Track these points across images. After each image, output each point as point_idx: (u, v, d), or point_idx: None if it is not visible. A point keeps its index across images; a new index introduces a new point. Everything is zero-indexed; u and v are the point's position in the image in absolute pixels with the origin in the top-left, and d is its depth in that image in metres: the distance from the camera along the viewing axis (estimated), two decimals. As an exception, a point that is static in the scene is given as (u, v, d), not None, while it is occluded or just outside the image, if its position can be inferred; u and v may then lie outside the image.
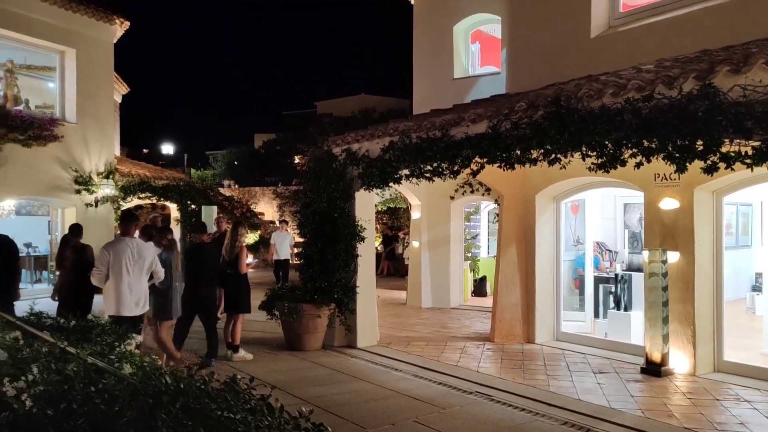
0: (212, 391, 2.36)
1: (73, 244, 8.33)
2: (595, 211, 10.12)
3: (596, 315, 9.70)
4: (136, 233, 6.81)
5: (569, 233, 9.69)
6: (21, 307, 6.22)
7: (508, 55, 10.90)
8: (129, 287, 6.45)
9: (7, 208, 14.98)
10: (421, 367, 7.79)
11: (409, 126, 8.05)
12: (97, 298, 7.47)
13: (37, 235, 15.79)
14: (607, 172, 5.87)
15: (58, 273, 9.21)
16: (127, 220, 6.82)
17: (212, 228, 11.08)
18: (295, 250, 15.23)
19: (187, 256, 8.16)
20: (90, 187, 14.77)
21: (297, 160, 30.07)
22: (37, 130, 13.38)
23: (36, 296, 8.82)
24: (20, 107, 14.14)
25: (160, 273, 6.86)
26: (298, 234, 12.09)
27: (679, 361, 7.39)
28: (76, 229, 8.64)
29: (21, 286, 8.50)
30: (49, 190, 14.19)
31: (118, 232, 7.18)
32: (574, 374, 7.44)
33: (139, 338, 5.09)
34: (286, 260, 14.67)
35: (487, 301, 12.47)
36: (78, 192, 14.66)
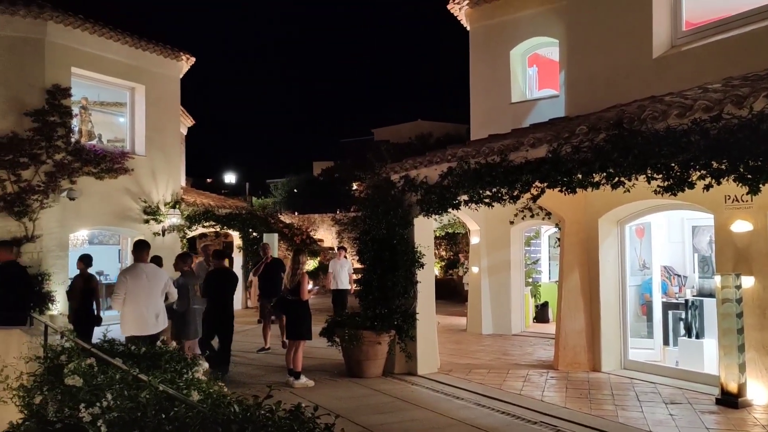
0: (278, 420, 2.39)
1: (81, 273, 9.14)
2: (662, 235, 9.78)
3: (665, 342, 9.32)
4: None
5: (634, 258, 9.41)
6: (97, 334, 6.48)
7: (567, 77, 10.78)
8: (146, 307, 7.15)
9: (81, 237, 15.71)
10: (483, 396, 7.66)
11: (467, 152, 8.04)
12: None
13: (108, 264, 16.43)
14: (674, 195, 5.70)
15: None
16: (140, 247, 7.54)
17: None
18: (354, 277, 14.29)
19: (207, 280, 8.90)
20: (158, 216, 15.31)
21: (355, 187, 30.43)
22: (109, 163, 14.03)
23: (106, 323, 9.19)
24: (94, 142, 14.89)
25: (174, 294, 7.67)
26: (357, 260, 12.19)
27: (757, 392, 7.01)
28: (87, 260, 9.34)
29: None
30: (119, 220, 14.79)
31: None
32: (644, 404, 7.16)
33: (205, 365, 5.21)
34: (346, 290, 13.72)
35: (550, 328, 12.20)
36: (146, 222, 15.22)
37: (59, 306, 12.64)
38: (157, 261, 8.74)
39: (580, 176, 6.42)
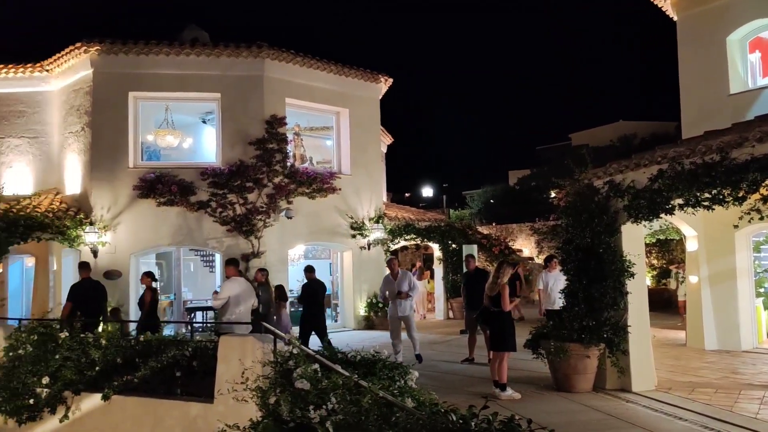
0: (495, 430, 2.42)
1: (147, 286, 10.61)
2: None
3: None
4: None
5: None
6: (315, 341, 7.05)
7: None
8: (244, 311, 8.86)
9: (297, 253, 17.18)
10: (710, 417, 6.96)
11: (680, 151, 7.44)
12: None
13: (321, 277, 17.70)
14: None
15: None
16: (232, 264, 9.39)
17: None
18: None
19: (303, 290, 11.36)
20: (363, 231, 16.24)
21: (553, 195, 29.50)
22: (319, 183, 15.24)
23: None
24: (306, 164, 16.26)
25: (254, 301, 9.29)
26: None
27: None
28: (152, 275, 10.88)
29: None
30: (329, 235, 15.94)
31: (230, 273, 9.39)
32: None
33: (416, 374, 5.40)
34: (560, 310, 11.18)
35: (790, 345, 10.75)
36: (353, 236, 16.21)
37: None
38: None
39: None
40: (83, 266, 10.56)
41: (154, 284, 10.80)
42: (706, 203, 7.12)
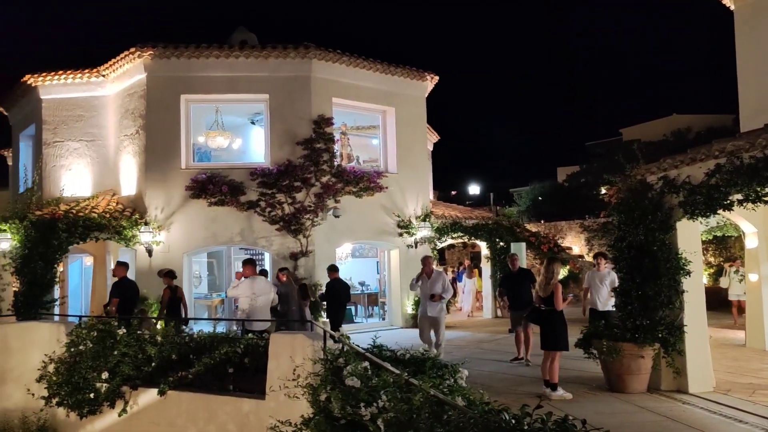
0: (549, 431, 2.39)
1: (167, 285, 11.20)
2: None
3: None
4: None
5: None
6: (363, 339, 7.09)
7: None
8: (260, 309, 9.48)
9: (345, 252, 17.30)
10: (773, 421, 6.71)
11: (739, 145, 7.18)
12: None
13: (368, 275, 17.84)
14: None
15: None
16: (249, 263, 9.85)
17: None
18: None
19: (326, 288, 11.69)
20: (410, 229, 16.22)
21: (604, 191, 28.87)
22: (366, 182, 15.29)
23: (369, 329, 10.02)
24: (353, 164, 16.35)
25: (275, 299, 10.01)
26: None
27: None
28: (171, 274, 11.35)
29: (357, 320, 10.78)
30: (376, 234, 15.98)
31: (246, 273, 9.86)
32: None
33: (466, 373, 5.38)
34: (606, 312, 10.21)
35: None
36: (400, 235, 16.21)
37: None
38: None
39: None
40: (123, 265, 11.13)
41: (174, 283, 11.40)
42: (767, 198, 6.86)
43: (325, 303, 11.97)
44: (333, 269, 11.97)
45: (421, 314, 10.36)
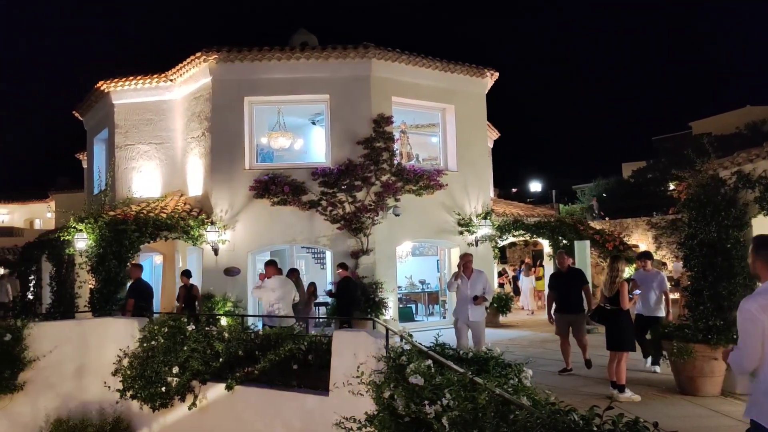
0: (619, 433, 2.34)
1: (184, 284, 12.49)
2: None
3: None
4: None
5: None
6: (424, 338, 7.09)
7: None
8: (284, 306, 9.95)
9: (405, 250, 17.32)
10: None
11: (820, 137, 6.81)
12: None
13: (428, 274, 17.82)
14: None
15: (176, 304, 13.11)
16: (271, 264, 10.41)
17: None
18: (672, 296, 10.86)
19: (339, 287, 12.05)
20: (471, 228, 16.10)
21: (672, 187, 27.90)
22: (426, 180, 15.27)
23: (430, 328, 9.97)
24: (412, 162, 16.35)
25: (296, 297, 10.55)
26: (680, 267, 10.93)
27: None
28: (188, 273, 12.56)
29: (418, 318, 10.75)
30: (436, 232, 15.94)
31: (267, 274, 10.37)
32: None
33: (530, 372, 5.30)
34: (654, 318, 9.27)
35: None
36: (461, 233, 16.12)
37: (390, 311, 14.12)
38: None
39: None
40: (138, 267, 11.71)
41: (191, 281, 12.56)
42: None
43: (335, 300, 12.50)
44: (344, 267, 12.31)
45: (460, 319, 9.44)
